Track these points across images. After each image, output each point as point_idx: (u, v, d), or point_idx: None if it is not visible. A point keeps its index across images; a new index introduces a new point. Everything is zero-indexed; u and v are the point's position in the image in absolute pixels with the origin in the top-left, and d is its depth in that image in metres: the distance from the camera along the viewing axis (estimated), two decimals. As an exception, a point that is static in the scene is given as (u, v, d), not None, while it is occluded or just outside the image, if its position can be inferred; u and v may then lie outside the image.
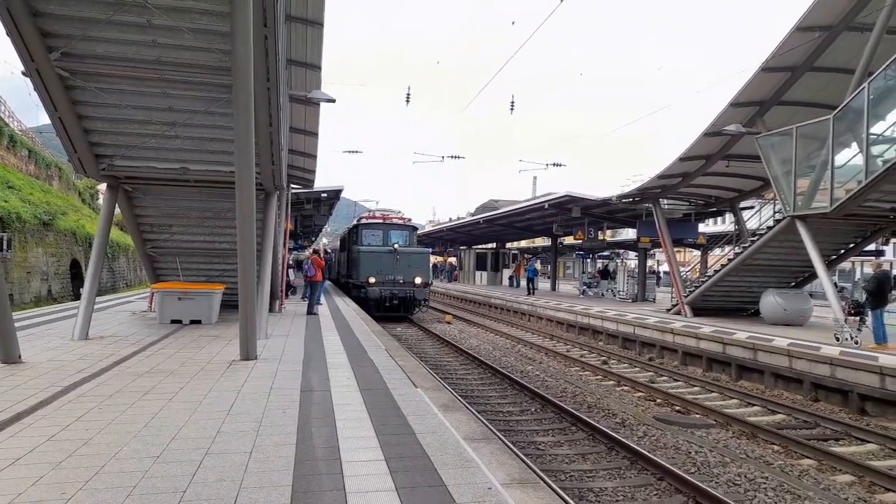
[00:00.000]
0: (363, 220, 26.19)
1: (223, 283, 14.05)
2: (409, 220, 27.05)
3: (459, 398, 8.97)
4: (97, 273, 11.48)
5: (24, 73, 9.00)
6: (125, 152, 10.82)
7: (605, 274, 33.31)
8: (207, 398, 6.61)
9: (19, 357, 8.28)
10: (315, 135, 17.73)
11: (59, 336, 10.81)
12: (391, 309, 23.31)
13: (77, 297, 25.31)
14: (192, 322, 13.07)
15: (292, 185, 19.98)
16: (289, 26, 12.53)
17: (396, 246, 23.64)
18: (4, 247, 20.88)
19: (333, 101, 14.30)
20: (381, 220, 26.11)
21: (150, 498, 3.91)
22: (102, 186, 17.64)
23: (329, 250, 38.79)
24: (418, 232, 29.80)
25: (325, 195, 26.00)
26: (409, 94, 28.87)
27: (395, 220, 26.30)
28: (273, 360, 9.13)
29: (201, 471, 4.40)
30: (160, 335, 11.37)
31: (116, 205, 12.16)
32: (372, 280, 22.76)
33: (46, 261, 26.11)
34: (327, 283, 28.26)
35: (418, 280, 23.45)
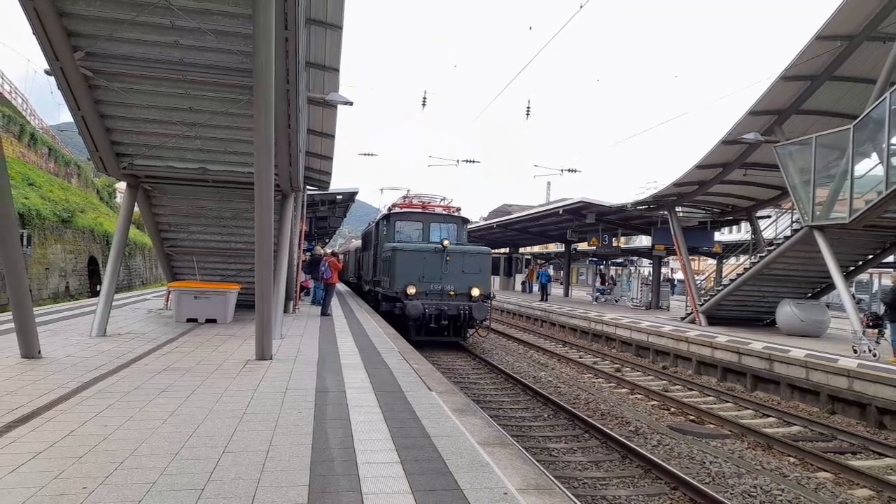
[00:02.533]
0: (396, 209, 19.46)
1: (239, 283, 14.15)
2: (458, 209, 19.65)
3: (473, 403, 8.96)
4: (116, 270, 11.61)
5: (47, 72, 9.14)
6: (146, 152, 10.94)
7: (604, 280, 34.04)
8: (224, 397, 6.66)
9: (39, 352, 8.39)
10: (332, 137, 17.82)
11: (77, 332, 10.93)
12: (436, 331, 16.71)
13: (94, 293, 25.62)
14: (208, 321, 13.17)
15: (308, 187, 20.09)
16: (308, 29, 12.63)
17: (446, 243, 16.73)
18: (24, 243, 21.15)
19: (351, 103, 14.37)
20: (420, 209, 19.47)
21: (170, 494, 3.94)
22: (121, 185, 17.68)
23: (338, 252, 34.23)
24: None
25: (340, 197, 26.10)
26: (425, 98, 28.95)
27: (439, 209, 19.79)
28: (288, 360, 9.18)
29: (219, 469, 4.44)
30: (176, 333, 11.47)
31: (135, 203, 12.29)
32: (412, 291, 16.19)
33: (65, 257, 26.41)
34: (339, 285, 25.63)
35: (476, 292, 16.71)
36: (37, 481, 4.07)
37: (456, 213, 19.49)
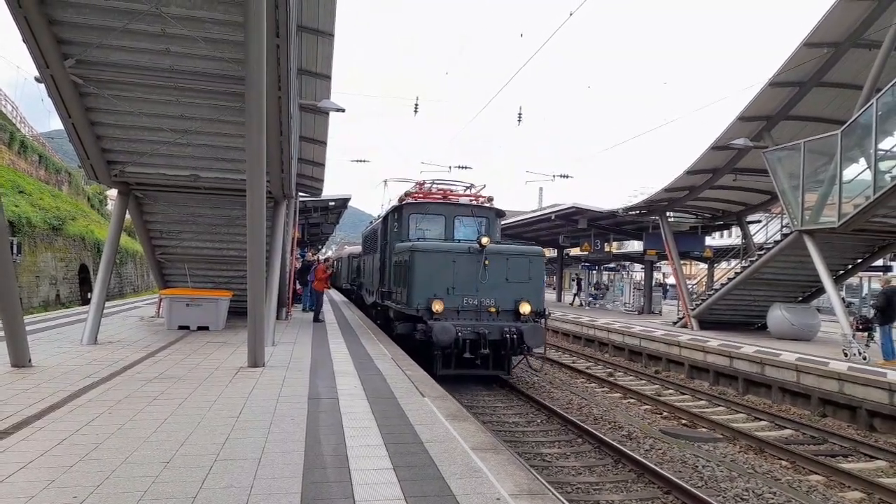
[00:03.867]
0: (409, 200, 14.71)
1: (231, 290, 14.10)
2: (490, 198, 15.00)
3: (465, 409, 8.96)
4: (107, 278, 11.56)
5: (37, 80, 9.13)
6: (137, 159, 10.92)
7: (580, 286, 35.18)
8: (216, 405, 6.64)
9: (29, 361, 8.33)
10: (324, 143, 17.87)
11: (68, 340, 10.87)
12: (469, 363, 11.87)
13: (85, 301, 25.46)
14: (200, 328, 13.12)
15: (300, 193, 20.09)
16: (300, 36, 12.67)
17: (485, 241, 12.06)
18: (15, 251, 21.02)
19: (343, 110, 14.42)
20: (440, 199, 15.07)
21: (162, 503, 3.93)
22: (112, 192, 17.63)
23: (328, 258, 29.79)
24: None
25: (332, 203, 26.10)
26: (416, 104, 29.01)
27: (464, 199, 15.31)
28: (281, 367, 9.15)
29: (211, 477, 4.42)
30: (168, 341, 11.42)
31: (127, 211, 12.25)
32: (438, 308, 11.70)
33: (55, 265, 26.25)
34: (332, 293, 24.43)
35: (525, 308, 12.12)
36: (27, 491, 4.04)
37: (487, 204, 14.70)
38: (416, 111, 28.98)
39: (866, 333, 13.98)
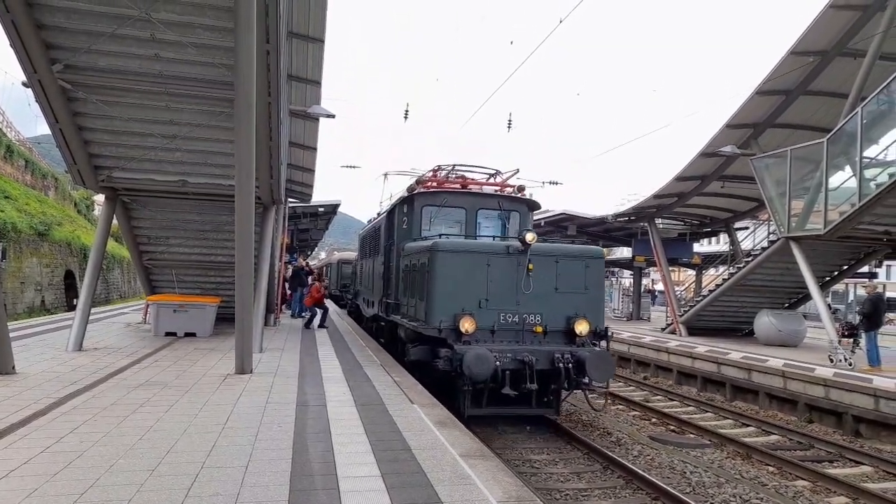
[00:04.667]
0: (422, 189, 12.00)
1: (219, 297, 14.02)
2: (521, 188, 12.36)
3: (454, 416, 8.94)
4: (93, 284, 11.46)
5: (24, 84, 9.07)
6: (124, 164, 10.85)
7: None
8: (203, 412, 6.59)
9: (13, 368, 8.24)
10: (314, 149, 17.85)
11: (53, 347, 10.75)
12: (505, 399, 8.89)
13: (71, 308, 25.22)
14: (187, 335, 13.03)
15: (290, 199, 20.04)
16: (290, 42, 12.66)
17: (530, 237, 9.32)
18: (0, 257, 20.81)
19: (333, 116, 14.41)
20: (459, 187, 12.51)
21: (146, 511, 3.90)
22: (99, 198, 17.49)
23: (306, 265, 24.99)
24: None
25: (322, 209, 26.07)
26: (407, 111, 29.02)
27: (489, 188, 12.67)
28: (268, 373, 9.10)
29: (197, 485, 4.39)
30: (155, 347, 11.33)
31: (114, 216, 12.17)
32: (468, 326, 9.03)
33: (41, 271, 26.00)
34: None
35: (582, 327, 9.46)
36: (9, 500, 3.99)
37: (519, 195, 12.10)
38: (406, 117, 29.01)
39: (852, 340, 14.10)
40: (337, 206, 26.18)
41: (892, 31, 12.52)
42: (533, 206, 12.26)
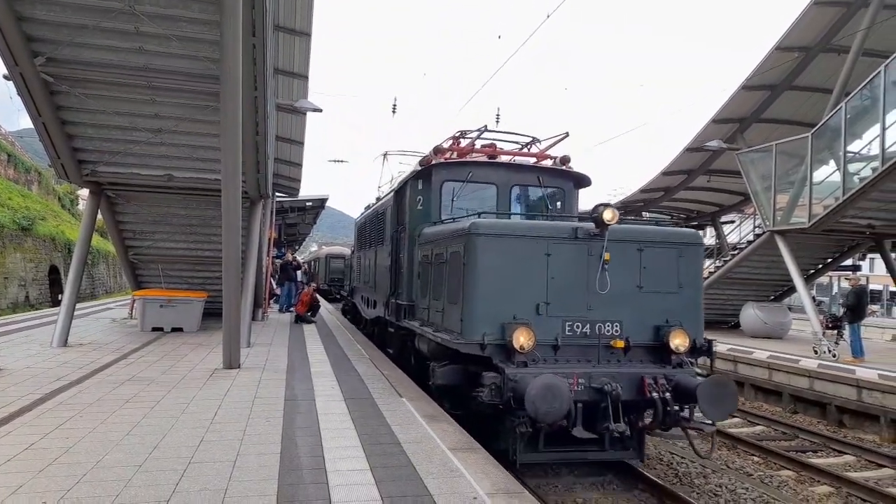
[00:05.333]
0: (441, 160, 9.34)
1: (206, 291, 13.94)
2: (565, 158, 9.72)
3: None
4: (78, 279, 11.35)
5: (6, 77, 8.94)
6: (109, 158, 10.74)
7: None
8: (190, 407, 6.56)
9: (-3, 364, 8.16)
10: (301, 144, 17.77)
11: (37, 343, 10.65)
12: (569, 439, 6.42)
13: (55, 303, 24.95)
14: (174, 330, 12.94)
15: (277, 194, 19.93)
16: (277, 36, 12.58)
17: (608, 216, 6.46)
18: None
19: (320, 110, 14.35)
20: (487, 157, 9.94)
21: (133, 507, 3.88)
22: (83, 192, 17.32)
23: (296, 260, 23.58)
24: None
25: (309, 204, 25.97)
26: (395, 105, 28.94)
27: (521, 159, 10.17)
28: (256, 368, 9.07)
29: (184, 480, 4.37)
30: (141, 343, 11.25)
31: (98, 211, 12.05)
32: (523, 340, 6.26)
33: (25, 266, 25.70)
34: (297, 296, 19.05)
35: (679, 340, 6.81)
36: (-6, 497, 3.96)
37: (563, 167, 9.63)
38: (394, 111, 28.94)
39: (836, 331, 14.28)
40: (325, 200, 26.10)
41: (875, 28, 12.66)
42: (582, 181, 9.57)
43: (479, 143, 10.03)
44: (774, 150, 15.20)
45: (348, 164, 31.84)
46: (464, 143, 10.03)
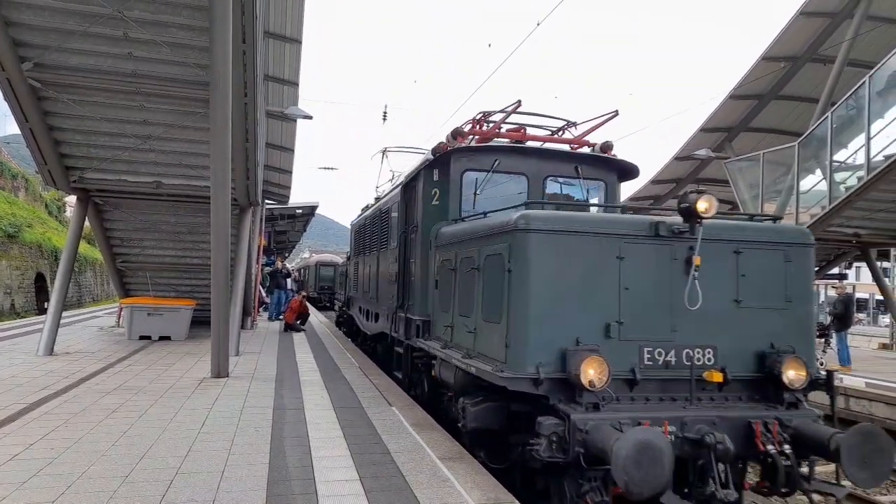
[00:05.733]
0: (462, 146, 7.77)
1: (194, 299, 13.83)
2: (606, 146, 8.14)
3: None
4: (64, 287, 11.23)
5: (-7, 83, 8.86)
6: (97, 165, 10.66)
7: None
8: (178, 416, 6.49)
9: (-19, 373, 8.04)
10: (291, 150, 17.73)
11: (23, 351, 10.52)
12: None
13: (41, 311, 24.68)
14: (162, 338, 12.83)
15: (267, 201, 19.86)
16: (267, 42, 12.56)
17: (703, 205, 4.79)
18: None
19: (310, 117, 14.33)
20: (513, 141, 8.34)
21: (119, 519, 3.82)
22: (70, 199, 17.18)
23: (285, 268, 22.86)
24: None
25: (299, 211, 25.90)
26: (385, 112, 28.99)
27: (551, 144, 8.48)
28: (245, 377, 9.00)
29: (171, 491, 4.31)
30: (129, 351, 11.13)
31: (86, 218, 11.94)
32: (595, 372, 4.57)
33: (10, 274, 25.42)
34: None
35: (794, 371, 5.24)
36: (-24, 509, 3.89)
37: (604, 152, 8.18)
38: (384, 119, 28.97)
39: (823, 340, 14.38)
40: (315, 207, 26.05)
41: (860, 38, 12.84)
42: (628, 172, 8.09)
43: (503, 128, 8.39)
44: (762, 159, 15.34)
45: (338, 172, 31.72)
46: (487, 127, 8.37)
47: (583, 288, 4.97)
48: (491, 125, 8.33)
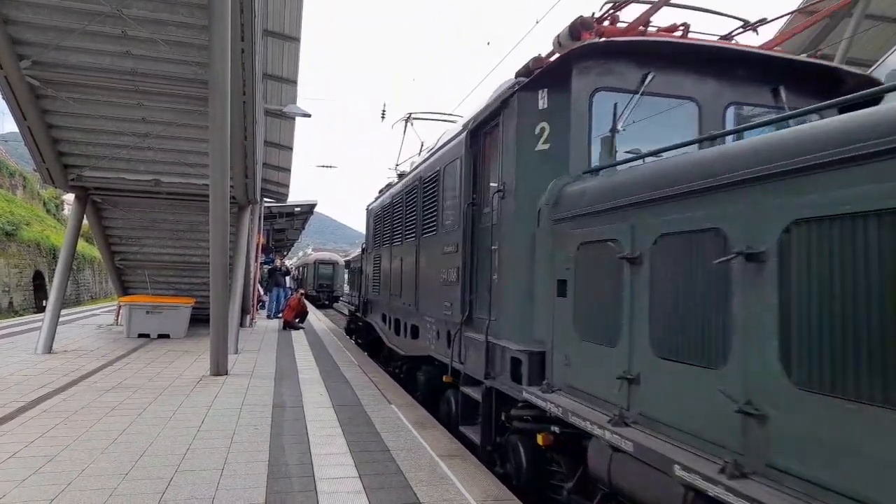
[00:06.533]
0: (592, 42, 4.61)
1: (193, 297, 13.83)
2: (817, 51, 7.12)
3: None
4: (63, 285, 11.22)
5: (-9, 80, 8.86)
6: (95, 163, 10.66)
7: None
8: (177, 414, 6.49)
9: (-21, 371, 8.04)
10: (289, 149, 17.73)
11: (21, 350, 10.51)
12: None
13: (40, 309, 24.67)
14: (161, 336, 12.82)
15: (265, 199, 19.86)
16: (266, 41, 12.56)
17: None
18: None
19: (309, 115, 14.32)
20: (674, 39, 5.00)
21: (119, 516, 3.83)
22: (69, 197, 17.22)
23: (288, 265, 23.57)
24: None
25: (298, 209, 25.90)
26: (384, 110, 28.97)
27: (732, 45, 5.16)
28: (244, 375, 9.00)
29: (171, 488, 4.32)
30: (127, 349, 11.13)
31: (84, 216, 11.93)
32: None
33: (9, 272, 25.40)
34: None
35: None
36: (-24, 507, 3.90)
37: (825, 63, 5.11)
38: (383, 117, 28.95)
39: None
40: (313, 206, 26.05)
41: (858, 37, 12.85)
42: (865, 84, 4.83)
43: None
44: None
45: (337, 170, 31.77)
46: (619, 24, 5.27)
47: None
48: (633, 21, 5.12)
